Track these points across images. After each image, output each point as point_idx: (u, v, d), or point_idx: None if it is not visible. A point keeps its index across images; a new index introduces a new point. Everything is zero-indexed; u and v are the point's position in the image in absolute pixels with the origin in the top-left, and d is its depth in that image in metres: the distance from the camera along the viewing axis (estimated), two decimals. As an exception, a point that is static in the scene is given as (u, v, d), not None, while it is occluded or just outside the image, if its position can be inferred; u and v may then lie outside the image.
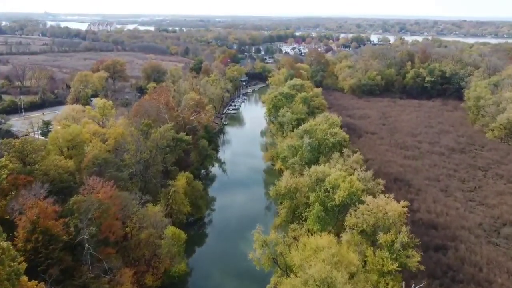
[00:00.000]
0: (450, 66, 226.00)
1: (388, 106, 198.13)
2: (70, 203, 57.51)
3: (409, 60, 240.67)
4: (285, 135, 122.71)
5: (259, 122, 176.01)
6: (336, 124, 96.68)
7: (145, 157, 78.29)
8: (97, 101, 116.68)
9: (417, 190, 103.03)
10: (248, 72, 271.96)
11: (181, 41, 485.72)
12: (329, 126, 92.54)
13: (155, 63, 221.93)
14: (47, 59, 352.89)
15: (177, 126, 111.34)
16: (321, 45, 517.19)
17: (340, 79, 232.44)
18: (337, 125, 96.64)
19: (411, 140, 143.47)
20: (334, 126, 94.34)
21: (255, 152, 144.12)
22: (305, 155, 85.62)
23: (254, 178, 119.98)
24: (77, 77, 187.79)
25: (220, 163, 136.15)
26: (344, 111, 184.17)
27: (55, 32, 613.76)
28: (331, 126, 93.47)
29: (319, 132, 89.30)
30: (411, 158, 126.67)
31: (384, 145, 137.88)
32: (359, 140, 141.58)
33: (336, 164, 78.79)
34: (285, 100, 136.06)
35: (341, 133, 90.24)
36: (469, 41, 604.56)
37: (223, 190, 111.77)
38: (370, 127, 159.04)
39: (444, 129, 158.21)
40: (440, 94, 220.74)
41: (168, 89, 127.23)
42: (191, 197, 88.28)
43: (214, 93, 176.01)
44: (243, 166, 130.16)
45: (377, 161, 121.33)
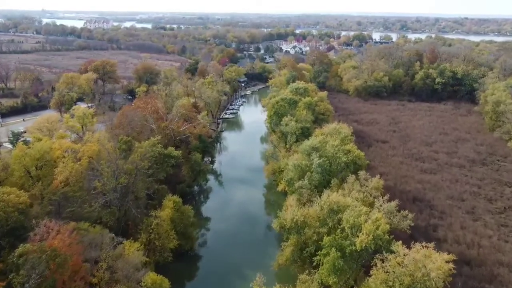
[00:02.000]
0: (462, 67, 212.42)
1: (397, 110, 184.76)
2: (15, 255, 44.34)
3: (418, 60, 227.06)
4: (289, 147, 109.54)
5: (258, 128, 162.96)
6: (349, 139, 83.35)
7: (122, 182, 65.07)
8: (76, 108, 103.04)
9: (440, 213, 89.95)
10: (247, 72, 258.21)
11: (178, 39, 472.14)
12: (341, 142, 79.28)
13: (148, 64, 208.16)
14: (38, 58, 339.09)
15: (166, 138, 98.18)
16: (322, 43, 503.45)
17: (345, 80, 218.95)
18: (350, 140, 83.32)
19: (427, 150, 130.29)
20: (347, 141, 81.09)
21: (255, 163, 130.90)
22: (314, 177, 72.36)
23: (253, 196, 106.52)
24: (62, 79, 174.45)
25: (216, 176, 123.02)
26: (351, 116, 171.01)
27: (50, 30, 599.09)
28: (343, 141, 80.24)
29: (330, 148, 75.98)
30: (429, 172, 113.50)
31: (397, 156, 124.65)
32: (369, 150, 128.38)
33: (351, 190, 65.52)
34: (287, 106, 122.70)
35: (355, 151, 76.88)
36: (472, 38, 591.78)
37: (219, 210, 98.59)
38: (380, 135, 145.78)
39: (461, 137, 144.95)
40: (451, 97, 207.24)
41: (156, 96, 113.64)
42: (179, 225, 75.06)
43: (210, 96, 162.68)
44: (242, 181, 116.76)
45: (392, 176, 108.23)
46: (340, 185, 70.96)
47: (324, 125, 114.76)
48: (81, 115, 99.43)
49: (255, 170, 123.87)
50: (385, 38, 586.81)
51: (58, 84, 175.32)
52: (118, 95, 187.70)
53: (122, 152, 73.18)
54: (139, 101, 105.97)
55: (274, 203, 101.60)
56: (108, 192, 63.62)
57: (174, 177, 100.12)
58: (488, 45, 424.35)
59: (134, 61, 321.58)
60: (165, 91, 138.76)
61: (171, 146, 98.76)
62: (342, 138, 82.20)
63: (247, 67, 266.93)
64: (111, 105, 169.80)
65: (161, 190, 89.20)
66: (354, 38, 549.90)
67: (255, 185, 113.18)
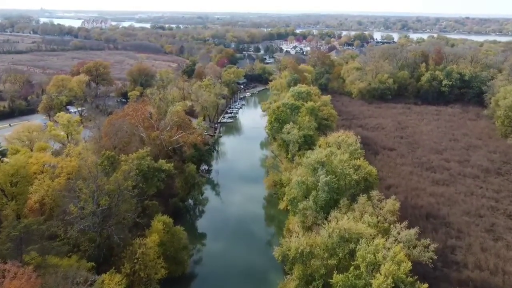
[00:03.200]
0: (469, 69, 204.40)
1: (403, 114, 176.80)
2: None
3: (423, 61, 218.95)
4: (291, 157, 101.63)
5: (258, 132, 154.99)
6: (359, 152, 75.38)
7: (103, 205, 57.12)
8: (60, 116, 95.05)
9: (458, 232, 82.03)
10: (246, 73, 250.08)
11: (176, 39, 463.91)
12: (350, 155, 71.35)
13: (143, 66, 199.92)
14: (32, 58, 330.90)
15: (158, 149, 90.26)
16: (322, 43, 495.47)
17: (348, 82, 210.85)
18: (361, 154, 75.31)
19: (437, 158, 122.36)
20: (356, 154, 73.18)
21: (254, 171, 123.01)
22: (320, 196, 64.40)
23: (253, 210, 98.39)
24: (52, 82, 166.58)
25: (213, 186, 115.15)
26: (355, 121, 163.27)
27: (47, 30, 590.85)
28: (352, 154, 72.33)
29: (338, 163, 67.98)
30: (441, 184, 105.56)
31: (406, 165, 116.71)
32: (376, 158, 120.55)
33: (363, 213, 57.60)
34: (289, 112, 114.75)
35: (366, 166, 68.87)
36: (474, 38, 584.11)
37: (215, 227, 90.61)
38: (386, 141, 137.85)
39: (472, 143, 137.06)
40: (458, 99, 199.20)
41: (149, 101, 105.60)
42: (169, 249, 67.13)
43: (208, 100, 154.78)
44: (240, 193, 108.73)
45: (402, 188, 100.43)
46: (350, 206, 63.03)
47: (328, 133, 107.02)
48: (65, 123, 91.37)
49: (255, 180, 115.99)
50: (386, 38, 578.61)
51: (48, 87, 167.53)
52: (111, 98, 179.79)
53: (104, 169, 65.35)
54: (129, 107, 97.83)
55: (275, 219, 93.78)
56: (87, 216, 55.70)
57: (166, 189, 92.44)
58: (492, 45, 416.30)
59: (131, 61, 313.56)
60: (159, 95, 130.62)
61: (163, 156, 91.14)
62: (351, 151, 74.25)
63: (247, 68, 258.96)
64: (104, 109, 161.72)
65: (151, 206, 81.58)
66: (355, 38, 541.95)
67: (254, 197, 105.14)
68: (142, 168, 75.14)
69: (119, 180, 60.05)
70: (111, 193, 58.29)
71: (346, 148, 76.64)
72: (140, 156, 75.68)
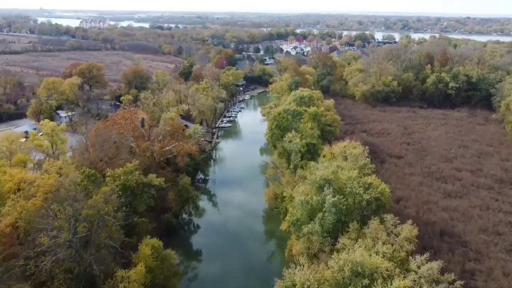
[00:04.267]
0: (476, 70, 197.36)
1: (409, 118, 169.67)
2: None
3: (429, 62, 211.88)
4: (293, 168, 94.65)
5: (258, 138, 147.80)
6: (370, 167, 68.27)
7: (80, 232, 50.13)
8: (44, 124, 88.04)
9: (476, 253, 74.99)
10: (246, 75, 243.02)
11: (175, 39, 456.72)
12: (359, 171, 64.34)
13: (137, 68, 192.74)
14: (27, 59, 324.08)
15: (149, 160, 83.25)
16: (323, 43, 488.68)
17: (351, 85, 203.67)
18: (372, 170, 68.18)
19: (447, 168, 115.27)
20: (366, 170, 66.15)
21: (254, 181, 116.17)
22: (327, 219, 57.38)
23: (252, 226, 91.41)
24: (43, 84, 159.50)
25: (210, 196, 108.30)
26: (359, 125, 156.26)
27: (44, 30, 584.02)
28: (362, 170, 65.33)
29: (346, 180, 60.95)
30: (453, 196, 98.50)
31: (415, 175, 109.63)
32: (383, 167, 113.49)
33: (376, 240, 50.64)
34: (291, 118, 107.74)
35: (378, 184, 61.76)
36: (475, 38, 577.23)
37: (210, 245, 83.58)
38: (392, 148, 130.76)
39: (483, 150, 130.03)
40: (465, 102, 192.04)
41: (142, 106, 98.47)
42: (158, 276, 60.13)
43: (205, 104, 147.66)
44: (239, 205, 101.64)
45: (412, 201, 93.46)
46: (360, 230, 56.05)
47: (333, 141, 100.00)
48: (49, 132, 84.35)
49: (254, 190, 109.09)
50: (387, 38, 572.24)
51: (39, 90, 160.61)
52: (105, 101, 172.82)
53: (84, 189, 58.38)
54: (117, 115, 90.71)
55: (275, 235, 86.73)
56: (61, 246, 48.68)
57: (159, 202, 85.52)
58: (496, 45, 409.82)
59: (127, 62, 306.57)
60: (153, 100, 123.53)
61: (155, 168, 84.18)
62: (360, 166, 67.25)
63: (246, 70, 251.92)
64: (96, 113, 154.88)
65: (140, 224, 74.65)
66: (356, 38, 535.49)
67: (253, 210, 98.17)
68: (130, 184, 68.14)
69: (98, 204, 53.03)
70: (90, 218, 51.35)
71: (354, 161, 69.58)
72: (127, 170, 68.70)
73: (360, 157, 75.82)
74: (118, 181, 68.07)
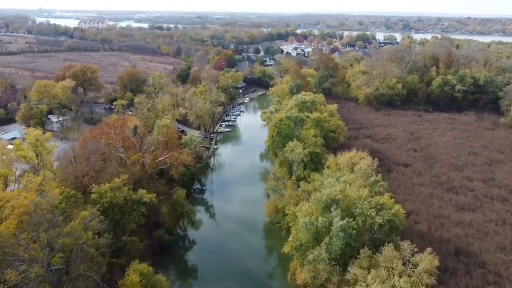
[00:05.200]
0: (483, 72, 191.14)
1: (414, 122, 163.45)
2: None
3: (434, 64, 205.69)
4: (295, 179, 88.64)
5: (258, 143, 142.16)
6: (382, 185, 62.04)
7: (56, 264, 43.99)
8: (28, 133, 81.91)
9: (495, 275, 68.96)
10: (245, 77, 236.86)
11: (174, 39, 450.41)
12: (370, 189, 58.18)
13: (133, 70, 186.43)
14: (23, 60, 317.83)
15: (141, 172, 77.13)
16: (324, 44, 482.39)
17: (353, 87, 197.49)
18: (384, 187, 61.97)
19: (458, 177, 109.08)
20: (378, 187, 59.94)
21: (254, 190, 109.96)
22: (335, 244, 51.28)
23: (251, 242, 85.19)
24: (35, 88, 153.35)
25: (207, 208, 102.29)
26: (363, 130, 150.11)
27: (41, 30, 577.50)
28: (373, 187, 59.17)
29: (356, 200, 54.83)
30: (466, 209, 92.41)
31: (425, 186, 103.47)
32: (390, 176, 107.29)
33: (391, 270, 44.47)
34: (293, 125, 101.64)
35: (391, 205, 55.48)
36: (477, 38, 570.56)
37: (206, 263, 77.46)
38: (399, 155, 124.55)
39: (494, 158, 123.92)
40: (472, 106, 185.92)
41: (127, 118, 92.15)
42: (147, 306, 54.03)
43: (203, 108, 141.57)
44: (237, 218, 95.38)
45: (423, 215, 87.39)
46: (372, 257, 49.91)
47: (339, 152, 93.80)
48: (33, 142, 78.24)
49: (254, 201, 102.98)
50: (389, 39, 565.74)
51: (30, 93, 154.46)
52: (99, 104, 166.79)
53: (63, 212, 52.23)
54: (106, 124, 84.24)
55: (276, 255, 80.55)
56: (34, 280, 42.50)
57: (152, 216, 79.52)
58: (500, 46, 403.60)
59: (125, 63, 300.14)
60: (147, 105, 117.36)
61: (147, 180, 78.11)
62: (371, 183, 61.10)
63: (246, 71, 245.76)
64: (90, 117, 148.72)
65: (130, 243, 68.57)
66: (357, 38, 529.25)
67: (253, 225, 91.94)
68: (117, 201, 62.04)
69: (76, 232, 46.90)
70: (68, 248, 45.28)
71: (363, 176, 63.30)
72: (114, 186, 62.63)
73: (369, 170, 69.56)
74: (105, 198, 61.95)
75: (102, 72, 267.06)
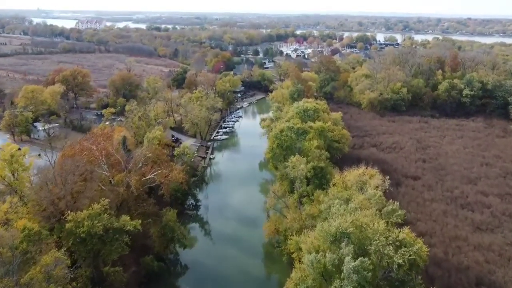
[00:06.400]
0: (492, 76, 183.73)
1: (421, 129, 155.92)
2: None
3: (440, 67, 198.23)
4: (297, 197, 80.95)
5: (257, 151, 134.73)
6: (400, 216, 54.18)
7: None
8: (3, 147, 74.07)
9: (524, 311, 61.25)
10: (244, 80, 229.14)
11: (171, 41, 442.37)
12: (387, 220, 50.37)
13: (126, 74, 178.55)
14: (15, 62, 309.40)
15: (126, 193, 69.28)
16: (324, 45, 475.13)
17: (356, 92, 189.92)
18: (401, 218, 54.12)
19: (472, 191, 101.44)
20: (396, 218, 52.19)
21: (252, 205, 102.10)
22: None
23: (249, 268, 77.33)
24: (22, 93, 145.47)
25: (202, 225, 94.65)
26: (367, 138, 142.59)
27: (37, 31, 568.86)
28: (389, 216, 51.39)
29: (372, 235, 47.10)
30: (484, 229, 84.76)
31: (437, 202, 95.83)
32: (399, 190, 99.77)
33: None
34: (295, 137, 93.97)
35: (412, 241, 47.61)
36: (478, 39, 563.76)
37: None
38: (407, 167, 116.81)
39: (509, 169, 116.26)
40: (479, 111, 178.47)
41: (112, 132, 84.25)
42: None
43: (199, 116, 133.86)
44: (234, 239, 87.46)
45: (438, 237, 79.74)
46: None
47: (344, 164, 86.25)
48: (7, 158, 70.32)
49: (252, 218, 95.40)
50: (389, 40, 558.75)
51: (17, 99, 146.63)
52: (91, 110, 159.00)
53: (23, 253, 44.38)
54: (88, 139, 76.11)
55: (277, 285, 72.73)
56: None
57: (140, 238, 71.77)
58: (503, 48, 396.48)
59: (121, 65, 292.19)
60: (138, 113, 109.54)
61: (133, 203, 70.34)
62: (387, 212, 53.33)
63: (244, 74, 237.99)
64: (79, 124, 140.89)
65: (113, 274, 60.84)
66: (357, 39, 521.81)
67: (252, 247, 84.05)
68: (96, 231, 54.27)
69: (36, 282, 39.06)
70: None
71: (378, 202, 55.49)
72: (93, 214, 54.84)
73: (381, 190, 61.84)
74: (81, 228, 54.22)
75: (96, 75, 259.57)
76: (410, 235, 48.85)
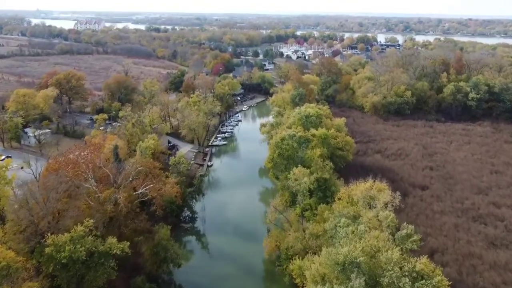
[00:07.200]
0: (498, 79, 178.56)
1: (426, 134, 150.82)
2: None
3: (445, 70, 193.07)
4: (299, 211, 75.84)
5: (257, 157, 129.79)
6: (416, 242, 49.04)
7: None
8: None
9: None
10: (243, 82, 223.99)
11: (170, 42, 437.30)
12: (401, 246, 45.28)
13: (121, 77, 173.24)
14: (11, 64, 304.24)
15: (115, 210, 64.11)
16: (325, 46, 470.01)
17: (359, 95, 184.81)
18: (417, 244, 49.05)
19: (483, 202, 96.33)
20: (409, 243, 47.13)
21: (251, 215, 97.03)
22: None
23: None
24: (13, 97, 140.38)
25: (199, 238, 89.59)
26: (371, 144, 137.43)
27: (36, 32, 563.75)
28: (403, 242, 46.32)
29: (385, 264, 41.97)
30: (498, 244, 79.63)
31: (447, 214, 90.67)
32: (406, 201, 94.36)
33: None
34: (297, 145, 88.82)
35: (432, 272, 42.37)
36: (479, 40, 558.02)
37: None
38: (414, 175, 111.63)
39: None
40: (486, 115, 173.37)
41: (99, 144, 79.07)
42: None
43: (196, 121, 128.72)
44: (232, 257, 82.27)
45: (450, 254, 74.61)
46: None
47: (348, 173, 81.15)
48: (-12, 172, 65.25)
49: (252, 231, 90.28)
50: (391, 41, 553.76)
51: (8, 104, 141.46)
52: (85, 115, 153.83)
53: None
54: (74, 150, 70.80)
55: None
56: None
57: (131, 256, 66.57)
58: (506, 49, 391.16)
59: (118, 67, 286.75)
60: (132, 119, 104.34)
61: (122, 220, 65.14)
62: (401, 238, 48.20)
63: (244, 77, 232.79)
64: (72, 130, 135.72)
65: (100, 300, 55.53)
66: (358, 40, 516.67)
67: (251, 264, 78.94)
68: (78, 256, 49.12)
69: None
70: None
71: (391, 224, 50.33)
72: (75, 236, 49.69)
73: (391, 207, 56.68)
74: (63, 253, 49.09)
75: (93, 77, 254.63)
76: (429, 265, 43.73)
